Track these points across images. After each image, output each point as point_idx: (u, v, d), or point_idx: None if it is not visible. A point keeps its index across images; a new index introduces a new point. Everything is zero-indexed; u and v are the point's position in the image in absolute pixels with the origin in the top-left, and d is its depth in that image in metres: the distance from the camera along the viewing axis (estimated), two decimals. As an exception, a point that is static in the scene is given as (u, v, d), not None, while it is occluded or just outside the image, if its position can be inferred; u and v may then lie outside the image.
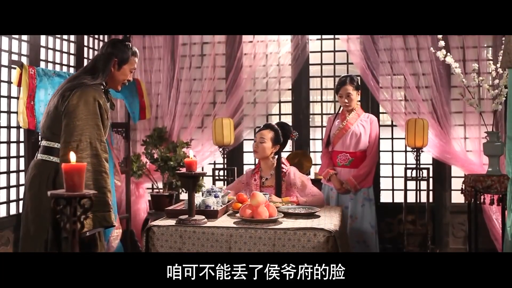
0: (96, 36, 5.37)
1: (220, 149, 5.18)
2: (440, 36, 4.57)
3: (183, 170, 5.19)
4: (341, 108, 4.42)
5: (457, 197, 5.24)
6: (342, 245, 2.95)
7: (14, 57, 4.06)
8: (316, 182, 4.50)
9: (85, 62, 5.12)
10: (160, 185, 5.38)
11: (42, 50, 4.48)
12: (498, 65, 4.41)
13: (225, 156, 5.20)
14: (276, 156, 3.89)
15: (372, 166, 4.30)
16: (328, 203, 4.26)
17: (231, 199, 3.59)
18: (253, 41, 5.41)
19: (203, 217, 3.08)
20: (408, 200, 4.98)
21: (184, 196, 5.53)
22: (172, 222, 3.09)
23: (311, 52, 5.45)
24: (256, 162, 5.57)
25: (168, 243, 2.99)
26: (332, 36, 5.47)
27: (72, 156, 2.01)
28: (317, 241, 2.81)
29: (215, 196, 3.37)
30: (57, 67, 4.66)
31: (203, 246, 2.94)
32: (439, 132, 5.06)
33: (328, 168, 4.33)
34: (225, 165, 5.24)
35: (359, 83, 4.46)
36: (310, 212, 3.28)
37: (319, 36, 5.47)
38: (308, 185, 3.77)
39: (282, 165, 3.85)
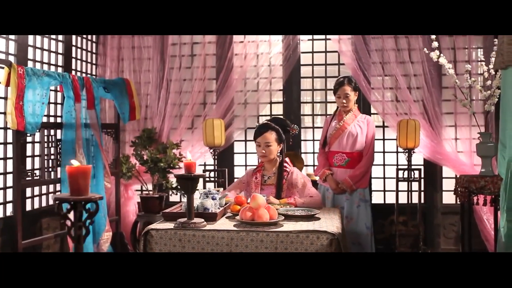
0: (85, 36, 5.27)
1: (211, 150, 5.12)
2: (433, 37, 4.57)
3: (174, 171, 5.17)
4: (338, 108, 4.39)
5: (448, 198, 5.26)
6: (344, 247, 2.92)
7: (2, 56, 3.95)
8: (310, 182, 4.46)
9: (73, 62, 5.03)
10: (149, 186, 5.29)
11: (30, 50, 4.37)
12: (491, 66, 4.42)
13: (216, 157, 5.15)
14: (280, 155, 3.84)
15: (368, 166, 4.28)
16: (324, 204, 4.22)
17: (228, 201, 3.53)
18: (244, 41, 5.35)
19: (202, 220, 3.02)
20: (399, 201, 4.98)
21: (174, 198, 5.46)
22: (170, 225, 3.02)
23: (302, 52, 5.42)
24: (247, 163, 5.57)
25: (167, 247, 2.92)
26: (323, 37, 5.43)
27: (74, 161, 1.93)
28: (320, 244, 2.77)
29: (213, 198, 3.31)
30: (45, 67, 4.56)
31: (203, 250, 2.88)
32: (430, 133, 5.06)
33: (324, 168, 4.30)
34: (216, 167, 5.19)
35: (357, 84, 4.41)
36: (310, 214, 3.24)
37: (310, 37, 5.44)
38: (307, 186, 3.73)
39: (285, 165, 3.81)
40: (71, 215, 1.90)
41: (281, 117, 4.19)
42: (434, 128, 5.07)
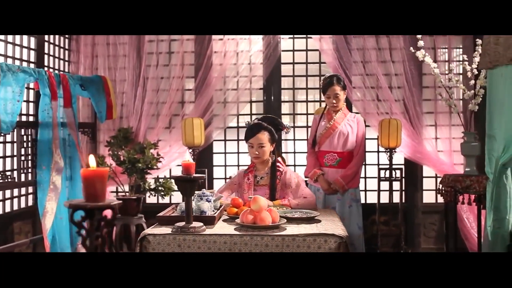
0: (57, 31, 5.02)
1: (190, 150, 4.97)
2: (419, 36, 4.56)
3: (153, 172, 4.99)
4: (326, 107, 4.31)
5: (428, 197, 5.28)
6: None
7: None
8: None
9: (46, 58, 4.78)
10: (126, 188, 5.08)
11: (1, 44, 4.12)
12: (474, 66, 4.45)
13: (195, 157, 5.00)
14: (273, 154, 3.74)
15: (359, 166, 4.22)
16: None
17: (223, 203, 3.39)
18: (224, 39, 5.22)
19: (201, 224, 2.87)
20: (380, 201, 4.96)
21: (152, 199, 5.28)
22: (167, 230, 2.86)
23: (283, 51, 5.33)
24: (226, 163, 5.44)
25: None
26: (304, 35, 5.36)
27: (92, 160, 1.78)
28: (328, 248, 2.68)
29: (207, 200, 3.17)
30: (17, 63, 4.30)
31: (205, 255, 2.74)
32: (411, 132, 5.06)
33: (315, 169, 4.22)
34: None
35: (345, 83, 4.34)
36: (310, 216, 3.14)
37: (291, 35, 5.35)
38: (301, 186, 3.64)
39: (278, 165, 3.70)
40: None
41: (273, 116, 4.07)
42: (415, 128, 5.07)
